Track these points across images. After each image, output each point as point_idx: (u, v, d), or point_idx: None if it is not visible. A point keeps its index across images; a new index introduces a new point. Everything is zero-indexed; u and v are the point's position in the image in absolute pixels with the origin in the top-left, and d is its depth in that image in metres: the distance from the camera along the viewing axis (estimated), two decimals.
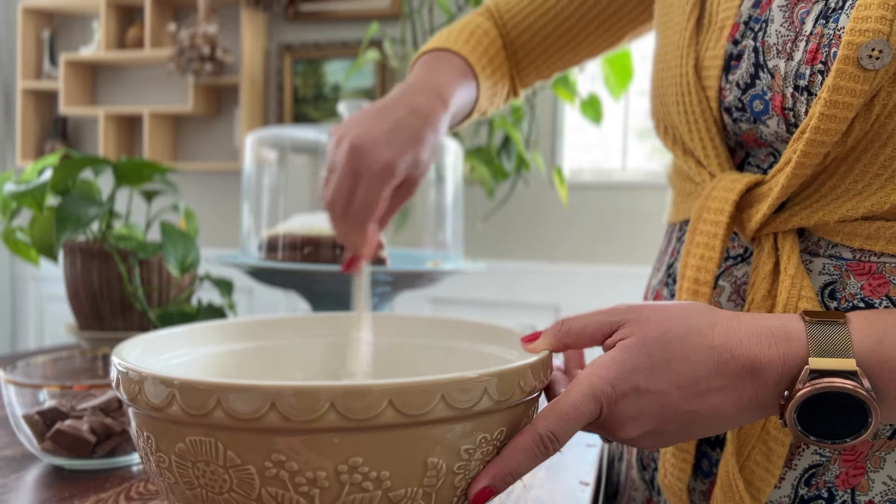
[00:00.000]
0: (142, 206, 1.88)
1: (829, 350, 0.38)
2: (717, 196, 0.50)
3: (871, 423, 0.38)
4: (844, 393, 0.37)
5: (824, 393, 0.37)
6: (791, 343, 0.39)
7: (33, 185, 0.87)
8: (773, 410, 0.40)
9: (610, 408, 0.39)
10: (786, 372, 0.38)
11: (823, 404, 0.38)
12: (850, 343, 0.38)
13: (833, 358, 0.38)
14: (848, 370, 0.37)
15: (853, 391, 0.37)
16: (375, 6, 2.86)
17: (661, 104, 0.57)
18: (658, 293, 0.61)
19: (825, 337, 0.38)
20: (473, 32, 0.71)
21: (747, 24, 0.50)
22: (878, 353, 0.38)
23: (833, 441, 0.39)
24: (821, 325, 0.39)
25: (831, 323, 0.39)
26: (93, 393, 0.58)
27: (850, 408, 0.38)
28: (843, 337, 0.38)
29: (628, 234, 2.63)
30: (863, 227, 0.46)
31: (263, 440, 0.34)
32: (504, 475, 0.38)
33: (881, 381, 0.38)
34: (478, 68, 0.69)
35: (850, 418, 0.38)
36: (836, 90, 0.42)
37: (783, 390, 0.39)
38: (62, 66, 3.07)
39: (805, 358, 0.38)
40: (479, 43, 0.71)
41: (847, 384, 0.37)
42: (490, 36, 0.72)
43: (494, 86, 0.72)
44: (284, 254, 0.94)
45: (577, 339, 0.43)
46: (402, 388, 0.34)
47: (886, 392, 0.38)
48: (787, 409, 0.38)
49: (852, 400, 0.37)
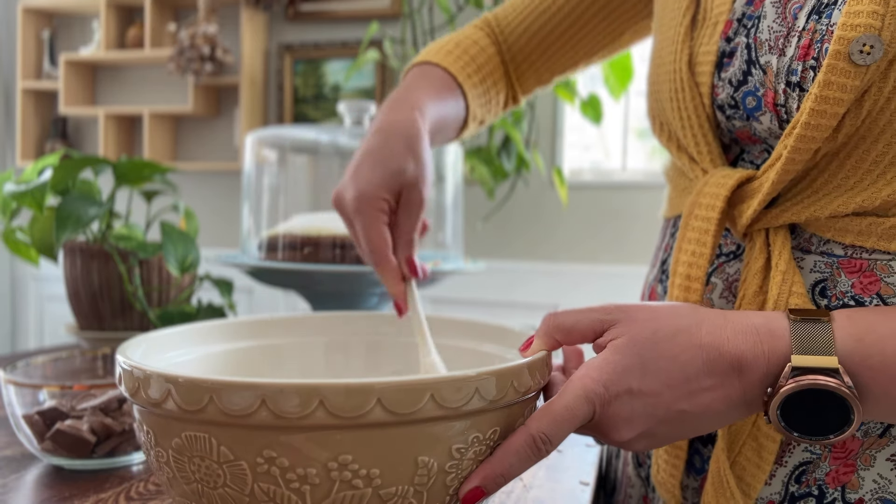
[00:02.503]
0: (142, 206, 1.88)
1: (811, 348, 0.38)
2: (709, 192, 0.50)
3: (853, 420, 0.38)
4: (826, 390, 0.38)
5: (807, 390, 0.38)
6: (775, 340, 0.39)
7: (33, 185, 0.87)
8: (760, 407, 0.40)
9: (603, 409, 0.39)
10: (770, 369, 0.39)
11: (806, 401, 0.38)
12: (833, 341, 0.38)
13: (815, 356, 0.38)
14: (830, 367, 0.38)
15: (835, 388, 0.37)
16: (375, 6, 2.87)
17: (657, 101, 0.57)
18: (653, 290, 0.61)
19: (808, 335, 0.39)
20: (460, 43, 0.72)
21: (741, 21, 0.51)
22: (859, 351, 0.38)
23: (816, 437, 0.39)
24: (804, 322, 0.39)
25: (815, 321, 0.39)
26: (93, 393, 0.58)
27: (832, 405, 0.38)
28: (825, 335, 0.39)
29: (628, 233, 2.63)
30: (854, 223, 0.46)
31: (255, 437, 0.35)
32: (496, 476, 0.38)
33: (863, 378, 0.38)
34: (461, 77, 0.69)
35: (832, 415, 0.38)
36: (826, 85, 0.42)
37: (768, 387, 0.39)
38: (62, 66, 3.07)
39: (788, 355, 0.39)
40: (465, 52, 0.71)
41: (829, 381, 0.37)
42: (480, 45, 0.73)
43: (486, 93, 0.72)
44: (284, 254, 0.94)
45: (568, 335, 0.43)
46: (390, 386, 0.35)
47: (868, 389, 0.38)
48: (770, 406, 0.39)
49: (834, 397, 0.38)
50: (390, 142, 0.59)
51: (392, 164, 0.58)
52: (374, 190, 0.57)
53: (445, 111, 0.67)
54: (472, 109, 0.71)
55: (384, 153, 0.59)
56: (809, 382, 0.38)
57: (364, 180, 0.58)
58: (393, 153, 0.59)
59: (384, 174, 0.58)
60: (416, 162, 0.59)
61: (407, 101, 0.63)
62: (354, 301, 0.93)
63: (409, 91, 0.65)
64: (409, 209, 0.59)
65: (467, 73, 0.70)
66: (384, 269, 0.58)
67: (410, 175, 0.59)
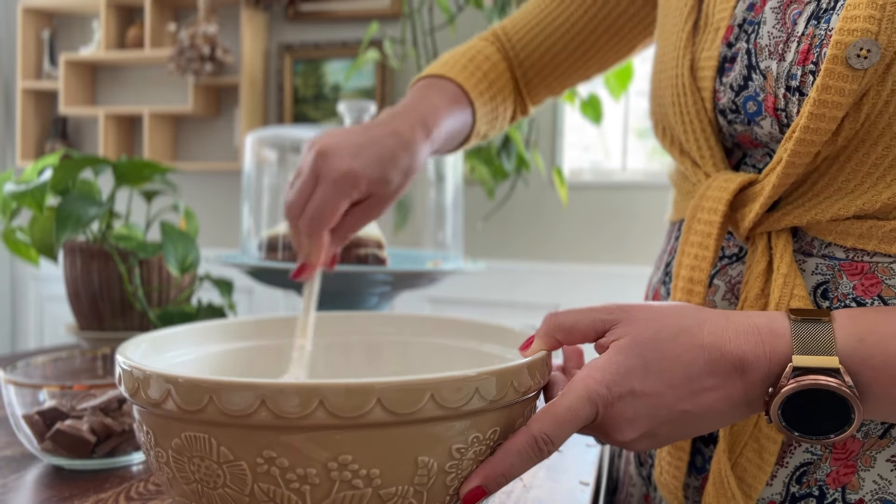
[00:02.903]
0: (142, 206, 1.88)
1: (812, 348, 0.38)
2: (711, 196, 0.51)
3: (853, 420, 0.38)
4: (827, 390, 0.38)
5: (808, 390, 0.38)
6: (776, 340, 0.39)
7: (33, 185, 0.87)
8: (761, 407, 0.40)
9: (606, 410, 0.39)
10: (772, 369, 0.39)
11: (807, 401, 0.38)
12: (834, 341, 0.38)
13: (816, 356, 0.38)
14: (830, 367, 0.38)
15: (836, 388, 0.37)
16: (375, 6, 2.87)
17: (659, 105, 0.58)
18: (657, 292, 0.61)
19: (809, 335, 0.39)
20: (473, 58, 0.72)
21: (741, 26, 0.51)
22: (860, 351, 0.38)
23: (817, 437, 0.39)
24: (806, 322, 0.39)
25: (816, 321, 0.39)
26: (93, 393, 0.58)
27: (833, 404, 0.38)
28: (826, 335, 0.39)
29: (628, 233, 2.63)
30: (855, 226, 0.46)
31: (255, 437, 0.35)
32: (496, 476, 0.38)
33: (864, 378, 0.38)
34: (474, 94, 0.70)
35: (833, 415, 0.38)
36: (824, 90, 0.42)
37: (769, 387, 0.39)
38: (62, 66, 3.07)
39: (789, 355, 0.39)
40: (477, 68, 0.71)
41: (830, 381, 0.37)
42: (491, 60, 0.73)
43: (494, 110, 0.73)
44: (284, 254, 0.94)
45: (569, 335, 0.43)
46: (390, 386, 0.35)
47: (869, 389, 0.38)
48: (772, 406, 0.39)
49: (835, 397, 0.38)
50: (393, 144, 0.60)
51: (386, 164, 0.59)
52: (361, 173, 0.58)
53: (454, 125, 0.68)
54: (478, 126, 0.71)
55: (382, 150, 0.59)
56: (810, 382, 0.38)
57: (359, 160, 0.58)
58: (390, 155, 0.59)
59: (376, 168, 0.58)
60: (406, 175, 0.61)
61: (419, 114, 0.64)
62: (354, 301, 0.92)
63: (424, 102, 0.66)
64: (369, 212, 0.61)
65: (479, 90, 0.70)
66: (315, 238, 0.58)
67: (395, 183, 0.60)
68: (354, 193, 0.58)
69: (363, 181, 0.58)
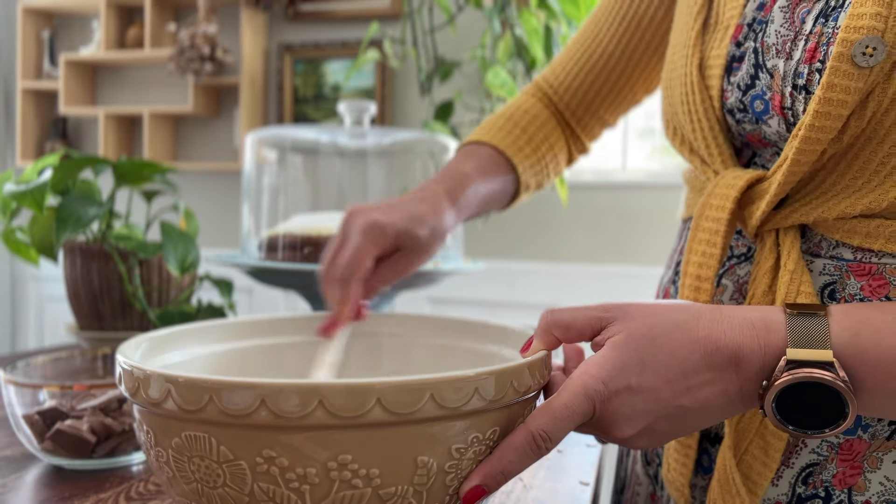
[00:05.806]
0: (142, 206, 1.88)
1: (807, 341, 0.38)
2: (719, 193, 0.51)
3: (848, 414, 0.38)
4: (821, 383, 0.38)
5: (802, 383, 0.38)
6: (771, 334, 0.39)
7: (33, 185, 0.87)
8: (757, 401, 0.40)
9: (603, 406, 0.39)
10: (766, 362, 0.39)
11: (801, 394, 0.38)
12: (828, 334, 0.39)
13: (810, 349, 0.38)
14: (825, 361, 0.38)
15: (830, 381, 0.37)
16: (375, 6, 2.87)
17: (669, 104, 0.58)
18: (667, 290, 0.62)
19: (804, 328, 0.39)
20: (510, 117, 0.74)
21: (751, 25, 0.51)
22: (855, 345, 0.38)
23: (812, 431, 0.39)
24: (801, 316, 0.39)
25: (811, 315, 0.39)
26: (93, 393, 0.58)
27: (827, 398, 0.38)
28: (821, 328, 0.39)
29: (628, 233, 2.63)
30: (862, 225, 0.46)
31: (254, 436, 0.35)
32: (496, 474, 0.38)
33: (858, 372, 0.38)
34: (511, 152, 0.71)
35: (827, 409, 0.38)
36: (830, 88, 0.42)
37: (764, 380, 0.39)
38: (62, 66, 3.07)
39: (783, 348, 0.39)
40: (515, 125, 0.73)
41: (824, 374, 0.37)
42: (531, 113, 0.75)
43: (541, 160, 0.74)
44: (284, 254, 0.94)
45: (566, 332, 0.43)
46: (390, 386, 0.35)
47: (864, 384, 0.38)
48: (766, 399, 0.39)
49: (829, 390, 0.38)
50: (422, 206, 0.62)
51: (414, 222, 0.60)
52: (388, 223, 0.59)
53: (489, 189, 0.69)
54: (524, 181, 0.73)
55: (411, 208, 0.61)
56: (804, 375, 0.38)
57: (386, 215, 0.60)
58: (418, 214, 0.61)
59: (404, 222, 0.60)
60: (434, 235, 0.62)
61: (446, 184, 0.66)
62: None
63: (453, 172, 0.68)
64: (398, 267, 0.61)
65: (518, 147, 0.72)
66: (345, 288, 0.58)
67: (423, 239, 0.61)
68: (381, 241, 0.58)
69: (390, 230, 0.59)
